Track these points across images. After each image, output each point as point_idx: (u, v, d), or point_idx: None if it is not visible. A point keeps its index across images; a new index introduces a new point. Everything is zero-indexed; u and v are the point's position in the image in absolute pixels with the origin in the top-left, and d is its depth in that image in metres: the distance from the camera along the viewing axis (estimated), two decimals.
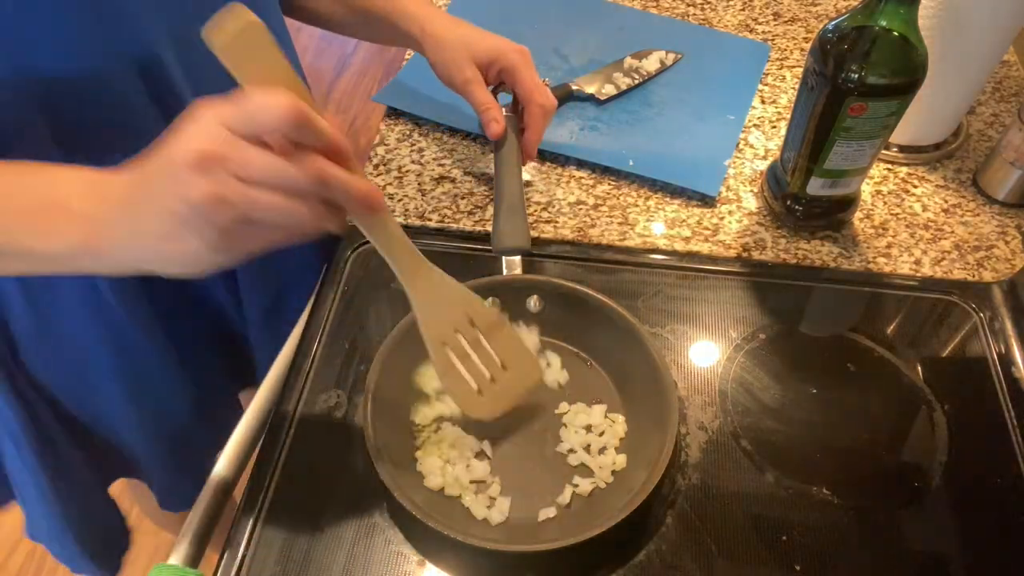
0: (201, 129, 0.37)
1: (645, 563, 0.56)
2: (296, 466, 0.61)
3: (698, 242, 0.76)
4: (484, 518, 0.57)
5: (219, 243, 0.39)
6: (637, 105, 0.88)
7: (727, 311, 0.71)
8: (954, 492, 0.60)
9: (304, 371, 0.66)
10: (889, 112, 0.65)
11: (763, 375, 0.66)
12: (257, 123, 0.37)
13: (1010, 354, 0.68)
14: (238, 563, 0.56)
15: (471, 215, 0.78)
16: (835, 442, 0.63)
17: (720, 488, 0.60)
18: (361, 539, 0.57)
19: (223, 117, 0.37)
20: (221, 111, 0.37)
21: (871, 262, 0.74)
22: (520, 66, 0.71)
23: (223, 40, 0.36)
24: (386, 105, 0.89)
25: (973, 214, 0.79)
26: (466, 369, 0.54)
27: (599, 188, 0.81)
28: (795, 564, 0.56)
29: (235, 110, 0.37)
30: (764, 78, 0.92)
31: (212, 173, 0.37)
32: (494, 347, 0.55)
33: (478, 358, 0.54)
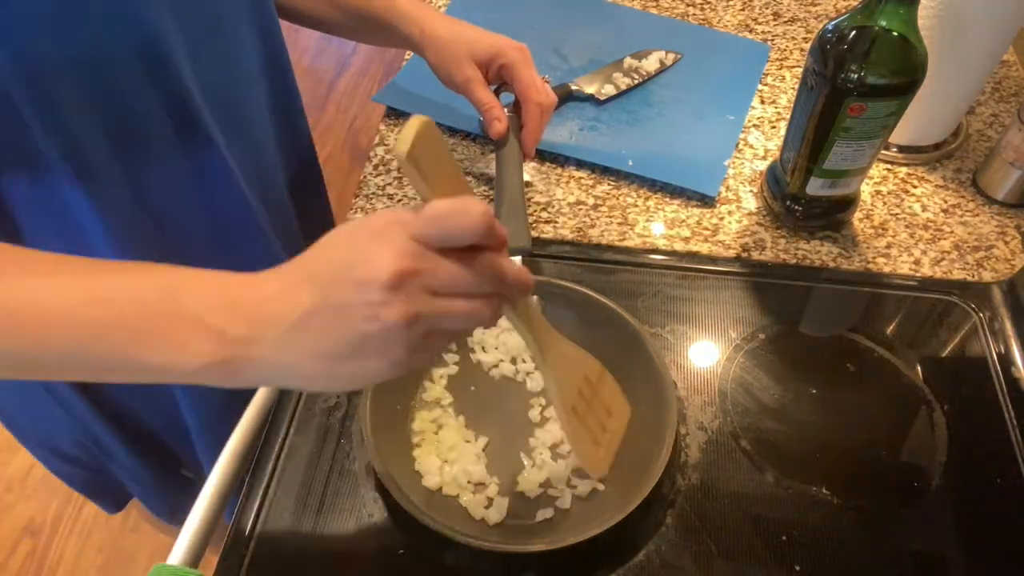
0: (392, 245, 0.36)
1: (645, 563, 0.56)
2: (295, 466, 0.61)
3: (698, 242, 0.76)
4: (482, 518, 0.57)
5: (404, 358, 0.38)
6: (637, 105, 0.88)
7: (727, 311, 0.71)
8: (954, 492, 0.60)
9: None
10: (889, 112, 0.65)
11: (763, 375, 0.66)
12: (453, 237, 0.36)
13: (1010, 354, 0.68)
14: (238, 563, 0.56)
15: None
16: (835, 442, 0.63)
17: (720, 488, 0.60)
18: (361, 539, 0.57)
19: (413, 231, 0.36)
20: (409, 224, 0.36)
21: (871, 262, 0.74)
22: (519, 63, 0.71)
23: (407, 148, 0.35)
24: (386, 105, 0.89)
25: (973, 214, 0.79)
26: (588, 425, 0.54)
27: (599, 188, 0.81)
28: (795, 564, 0.56)
29: (428, 224, 0.36)
30: (764, 78, 0.92)
31: (407, 291, 0.36)
32: (601, 395, 0.55)
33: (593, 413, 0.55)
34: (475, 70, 0.72)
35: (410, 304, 0.36)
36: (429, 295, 0.37)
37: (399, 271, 0.35)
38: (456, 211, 0.36)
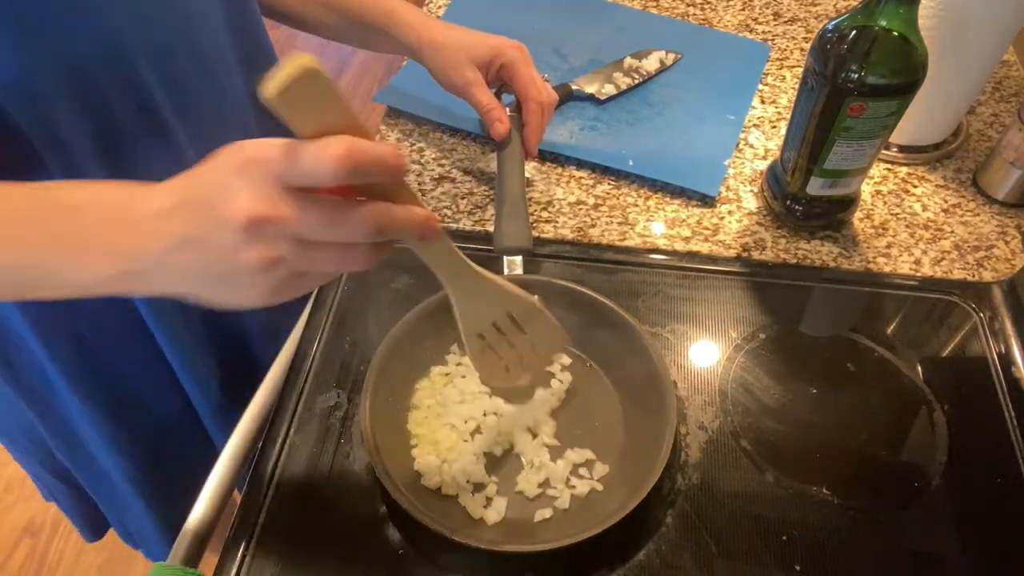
0: (253, 185, 0.35)
1: (645, 563, 0.56)
2: (296, 466, 0.61)
3: (698, 242, 0.76)
4: (481, 518, 0.57)
5: (271, 294, 0.39)
6: (637, 105, 0.88)
7: (727, 311, 0.71)
8: (954, 492, 0.60)
9: (304, 371, 0.66)
10: (889, 112, 0.65)
11: (763, 375, 0.66)
12: (312, 176, 0.35)
13: (1010, 354, 0.68)
14: (238, 563, 0.56)
15: (471, 215, 0.78)
16: (835, 442, 0.63)
17: (720, 488, 0.60)
18: (360, 539, 0.57)
19: (276, 171, 0.35)
20: (273, 163, 0.35)
21: (871, 262, 0.74)
22: (518, 62, 0.71)
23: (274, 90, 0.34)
24: (386, 105, 0.89)
25: (973, 214, 0.79)
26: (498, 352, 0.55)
27: (599, 188, 0.81)
28: (795, 564, 0.56)
29: (289, 164, 0.35)
30: (764, 78, 0.92)
31: (265, 236, 0.36)
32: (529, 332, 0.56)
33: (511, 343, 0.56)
34: (475, 73, 0.72)
35: (268, 249, 0.36)
36: (291, 242, 0.36)
37: (254, 216, 0.35)
38: (313, 153, 0.35)
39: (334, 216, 0.36)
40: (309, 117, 0.35)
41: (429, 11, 1.00)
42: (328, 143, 0.34)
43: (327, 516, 0.58)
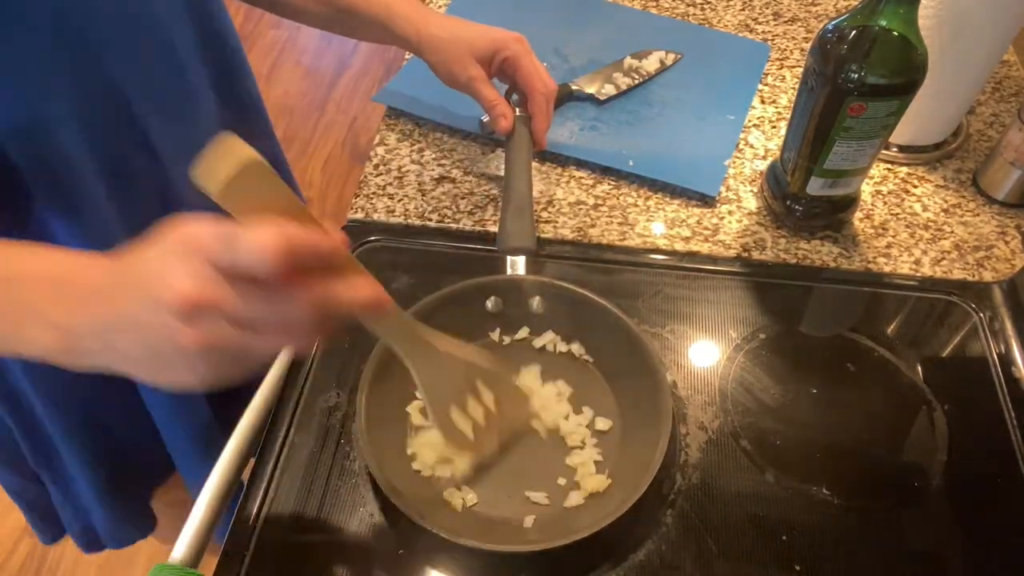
0: (189, 269, 0.34)
1: (645, 563, 0.56)
2: (296, 466, 0.61)
3: (698, 242, 0.76)
4: (480, 517, 0.57)
5: (210, 377, 0.38)
6: (637, 105, 0.88)
7: (727, 311, 0.71)
8: (954, 492, 0.60)
9: (304, 371, 0.66)
10: (889, 112, 0.65)
11: (763, 375, 0.66)
12: (245, 265, 0.34)
13: (1010, 354, 0.68)
14: (238, 563, 0.56)
15: (471, 215, 0.78)
16: (835, 442, 0.63)
17: (720, 488, 0.60)
18: (360, 539, 0.57)
19: (212, 256, 0.34)
20: (208, 249, 0.34)
21: (871, 262, 0.74)
22: (520, 54, 0.71)
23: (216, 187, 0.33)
24: (386, 105, 0.89)
25: (973, 214, 0.79)
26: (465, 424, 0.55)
27: (599, 188, 0.81)
28: (795, 564, 0.56)
29: (223, 250, 0.34)
30: (764, 78, 0.92)
31: (203, 319, 0.35)
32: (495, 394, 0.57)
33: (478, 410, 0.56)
34: (478, 68, 0.72)
35: (204, 335, 0.35)
36: (228, 324, 0.35)
37: (189, 300, 0.34)
38: (246, 241, 0.34)
39: (271, 299, 0.35)
40: (249, 206, 0.35)
41: None
42: (263, 234, 0.33)
43: (327, 516, 0.58)
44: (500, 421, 0.58)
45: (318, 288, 0.37)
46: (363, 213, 0.78)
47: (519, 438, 0.61)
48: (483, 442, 0.57)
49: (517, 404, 0.60)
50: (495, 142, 0.85)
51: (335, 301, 0.37)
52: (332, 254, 0.37)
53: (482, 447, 0.58)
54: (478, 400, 0.56)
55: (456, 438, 0.55)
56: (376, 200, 0.79)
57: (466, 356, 0.53)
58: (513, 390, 0.59)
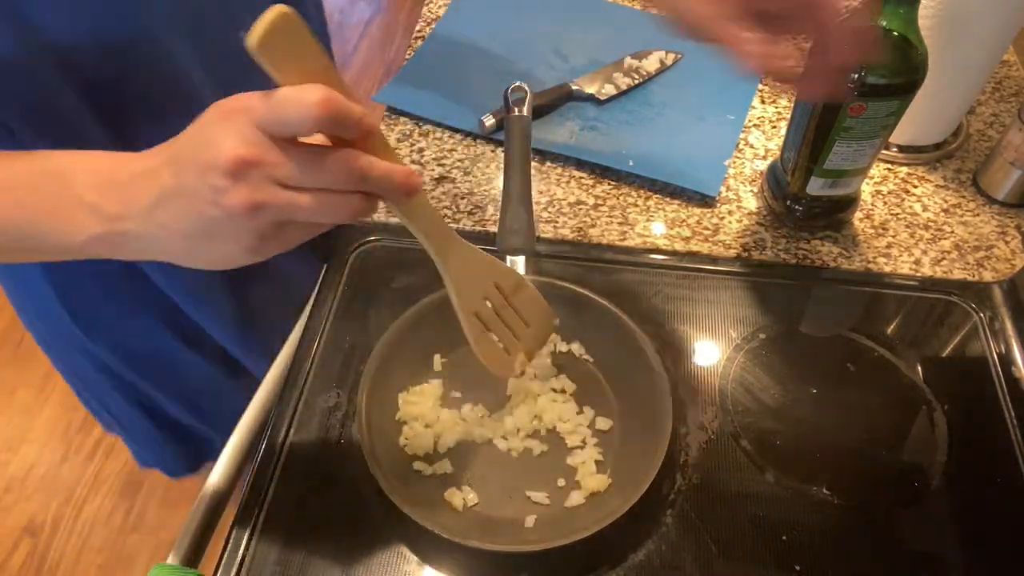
0: (235, 131, 0.36)
1: (645, 563, 0.56)
2: (296, 466, 0.61)
3: (698, 242, 0.76)
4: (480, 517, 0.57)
5: (255, 244, 0.39)
6: (637, 105, 0.88)
7: (727, 311, 0.71)
8: (954, 492, 0.60)
9: (304, 371, 0.66)
10: (889, 112, 0.65)
11: (763, 375, 0.66)
12: (290, 123, 0.36)
13: (1010, 354, 0.68)
14: (238, 563, 0.56)
15: (471, 215, 0.78)
16: (835, 442, 0.63)
17: (720, 488, 0.60)
18: (360, 539, 0.57)
19: (256, 117, 0.36)
20: (253, 111, 0.36)
21: (871, 262, 0.74)
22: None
23: (257, 37, 0.35)
24: (386, 105, 0.89)
25: (973, 214, 0.79)
26: (495, 332, 0.56)
27: (599, 188, 0.81)
28: (795, 564, 0.56)
29: (268, 110, 0.36)
30: (764, 78, 0.92)
31: (249, 179, 0.36)
32: (516, 305, 0.57)
33: (504, 320, 0.56)
34: None
35: (252, 193, 0.37)
36: (275, 186, 0.37)
37: (237, 159, 0.36)
38: (292, 98, 0.35)
39: (315, 160, 0.37)
40: (289, 64, 0.36)
41: (429, 11, 1.00)
42: (305, 90, 0.35)
43: (326, 516, 0.58)
44: (525, 331, 0.57)
45: (358, 153, 0.38)
46: None
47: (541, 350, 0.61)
48: (512, 352, 0.57)
49: (540, 315, 0.59)
50: (495, 142, 0.85)
51: (373, 169, 0.38)
52: (369, 123, 0.38)
53: (511, 358, 0.57)
54: (504, 311, 0.55)
55: (484, 343, 0.55)
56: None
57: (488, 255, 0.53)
58: (534, 299, 0.58)
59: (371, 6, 2.71)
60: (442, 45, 0.94)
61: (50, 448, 1.59)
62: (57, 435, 1.60)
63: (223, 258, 0.40)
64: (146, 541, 1.47)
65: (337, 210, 0.39)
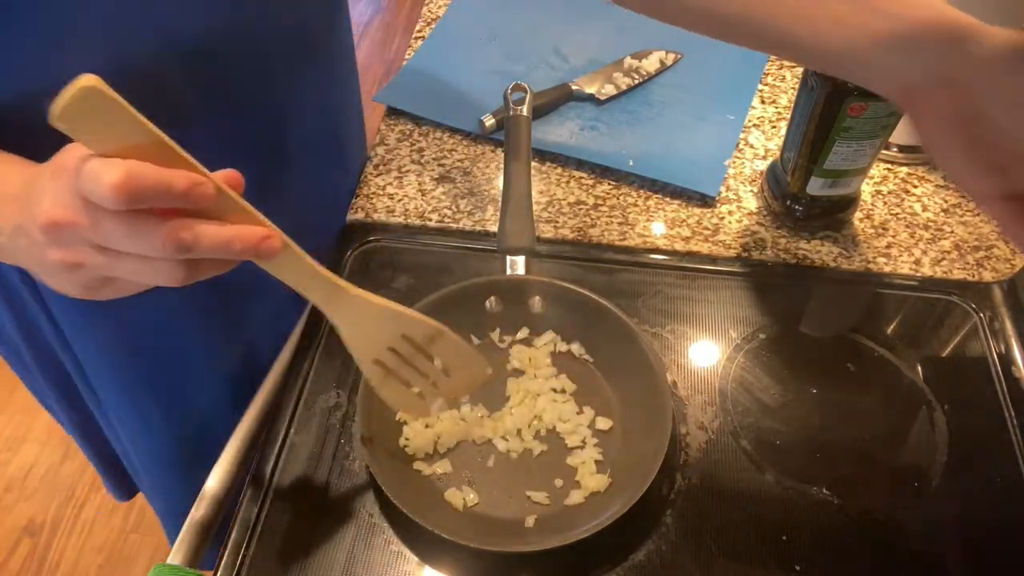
0: (56, 191, 0.37)
1: (645, 563, 0.56)
2: (296, 466, 0.61)
3: (698, 242, 0.76)
4: (480, 518, 0.57)
5: (85, 293, 0.41)
6: (637, 105, 0.88)
7: (727, 311, 0.71)
8: (954, 492, 0.60)
9: (304, 371, 0.66)
10: (889, 112, 0.65)
11: (763, 375, 0.66)
12: (94, 197, 0.35)
13: (1010, 354, 0.68)
14: (238, 563, 0.56)
15: (471, 215, 0.78)
16: (835, 442, 0.63)
17: (720, 488, 0.60)
18: (361, 539, 0.57)
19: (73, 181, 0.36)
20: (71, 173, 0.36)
21: (871, 262, 0.74)
22: None
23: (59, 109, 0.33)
24: (386, 105, 0.89)
25: (973, 214, 0.79)
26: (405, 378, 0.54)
27: (599, 188, 0.81)
28: (795, 564, 0.56)
29: (78, 178, 0.35)
30: (764, 78, 0.92)
31: (64, 240, 0.37)
32: (435, 354, 0.54)
33: (417, 369, 0.54)
34: None
35: (68, 254, 0.38)
36: (91, 247, 0.38)
37: (50, 221, 0.37)
38: (92, 174, 0.35)
39: (130, 229, 0.36)
40: (97, 135, 0.35)
41: (429, 11, 1.00)
42: (105, 169, 0.34)
43: (327, 516, 0.58)
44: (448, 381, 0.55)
45: (181, 223, 0.37)
46: (363, 213, 0.78)
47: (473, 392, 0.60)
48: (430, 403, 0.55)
49: (464, 364, 0.56)
50: (495, 142, 0.85)
51: (198, 239, 0.37)
52: (201, 193, 0.36)
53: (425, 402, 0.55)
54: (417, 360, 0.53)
55: (388, 388, 0.53)
56: (376, 200, 0.79)
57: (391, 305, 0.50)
58: (458, 348, 0.55)
59: (371, 6, 2.71)
60: (442, 45, 0.94)
61: (50, 448, 1.59)
62: (57, 435, 1.60)
63: (72, 293, 0.42)
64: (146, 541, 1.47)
65: (156, 275, 0.38)
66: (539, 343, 0.67)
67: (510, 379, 0.65)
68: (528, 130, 0.74)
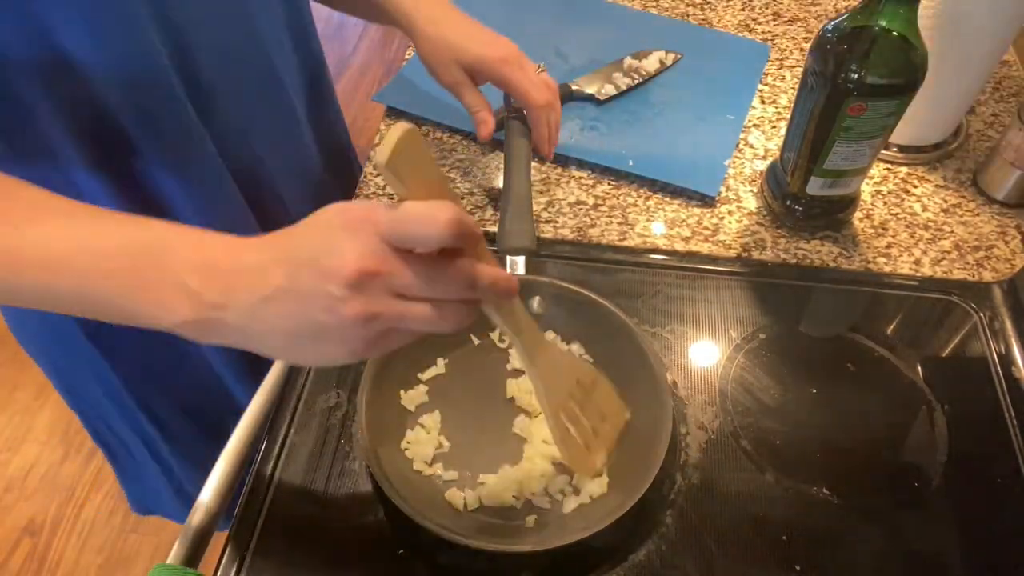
0: (361, 242, 0.37)
1: (645, 563, 0.56)
2: (296, 466, 0.61)
3: (698, 242, 0.76)
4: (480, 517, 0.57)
5: (361, 349, 0.39)
6: (637, 105, 0.88)
7: (727, 311, 0.71)
8: (954, 492, 0.60)
9: (304, 371, 0.66)
10: (889, 112, 0.65)
11: (763, 375, 0.66)
12: (419, 240, 0.36)
13: (1010, 354, 0.68)
14: (238, 563, 0.56)
15: (471, 215, 0.78)
16: (835, 442, 0.63)
17: (720, 488, 0.60)
18: (360, 539, 0.57)
19: (383, 231, 0.37)
20: (380, 224, 0.37)
21: (871, 262, 0.74)
22: (506, 75, 0.70)
23: (386, 156, 0.35)
24: (386, 105, 0.89)
25: (973, 214, 0.79)
26: (578, 430, 0.55)
27: (599, 188, 0.81)
28: (795, 564, 0.56)
29: (396, 225, 0.36)
30: (764, 78, 0.92)
31: (369, 290, 0.37)
32: (595, 400, 0.56)
33: (585, 417, 0.55)
34: (461, 74, 0.71)
35: (369, 304, 0.37)
36: (391, 296, 0.37)
37: (361, 270, 0.36)
38: (423, 216, 0.36)
39: (433, 270, 0.38)
40: (413, 179, 0.37)
41: None
42: (436, 208, 0.36)
43: (327, 516, 0.58)
44: (604, 427, 0.56)
45: (468, 261, 0.38)
46: None
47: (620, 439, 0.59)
48: (592, 449, 0.56)
49: (614, 408, 0.58)
50: (495, 142, 0.85)
51: (481, 275, 0.39)
52: (477, 231, 0.38)
53: (593, 457, 0.56)
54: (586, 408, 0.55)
55: (569, 444, 0.54)
56: (376, 200, 0.79)
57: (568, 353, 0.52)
58: (609, 393, 0.58)
59: None
60: None
61: (50, 448, 1.59)
62: (57, 435, 1.60)
63: (323, 358, 0.40)
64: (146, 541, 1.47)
65: (448, 320, 0.39)
66: None
67: (510, 379, 0.65)
68: (528, 130, 0.74)
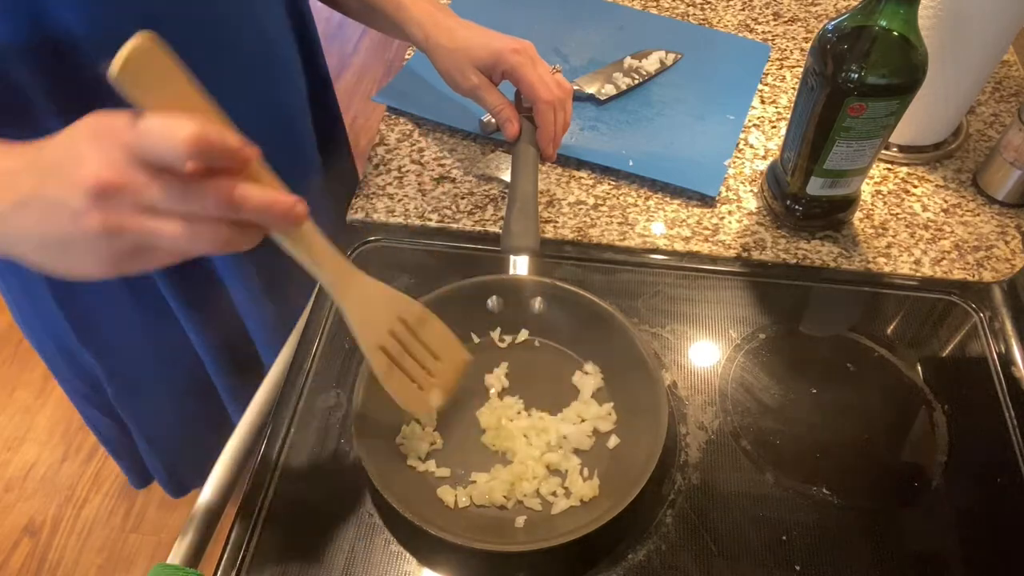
0: (103, 152, 0.35)
1: (645, 563, 0.56)
2: (296, 466, 0.61)
3: (698, 242, 0.76)
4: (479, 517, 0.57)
5: (111, 264, 0.39)
6: (637, 105, 0.88)
7: (727, 311, 0.71)
8: (954, 492, 0.60)
9: (304, 371, 0.66)
10: (889, 112, 0.65)
11: (763, 375, 0.66)
12: (159, 155, 0.35)
13: (1010, 354, 0.68)
14: (238, 563, 0.56)
15: (471, 215, 0.78)
16: (835, 442, 0.63)
17: (720, 488, 0.60)
18: (361, 539, 0.57)
19: (126, 140, 0.35)
20: (122, 133, 0.35)
21: (871, 262, 0.74)
22: (518, 66, 0.71)
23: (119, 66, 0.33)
24: (386, 105, 0.89)
25: (973, 214, 0.79)
26: (404, 368, 0.54)
27: (599, 188, 0.81)
28: (795, 564, 0.56)
29: (137, 138, 0.35)
30: (764, 78, 0.92)
31: (109, 203, 0.36)
32: (424, 339, 0.55)
33: (412, 354, 0.54)
34: (480, 76, 0.72)
35: (111, 216, 0.36)
36: (137, 211, 0.36)
37: (101, 182, 0.35)
38: (162, 130, 0.34)
39: (184, 187, 0.36)
40: (155, 93, 0.35)
41: None
42: (177, 124, 0.34)
43: (326, 516, 0.58)
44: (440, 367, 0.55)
45: (230, 181, 0.37)
46: (363, 213, 0.78)
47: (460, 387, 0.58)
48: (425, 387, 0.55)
49: (450, 348, 0.57)
50: (495, 142, 0.85)
51: (248, 199, 0.37)
52: (243, 154, 0.37)
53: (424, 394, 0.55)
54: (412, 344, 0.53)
55: (394, 380, 0.53)
56: (376, 200, 0.79)
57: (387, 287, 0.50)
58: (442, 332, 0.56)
59: None
60: None
61: (50, 448, 1.59)
62: (57, 435, 1.60)
63: (76, 270, 0.40)
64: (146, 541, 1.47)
65: (203, 240, 0.37)
66: (539, 343, 0.67)
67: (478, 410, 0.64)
68: (532, 130, 0.74)
